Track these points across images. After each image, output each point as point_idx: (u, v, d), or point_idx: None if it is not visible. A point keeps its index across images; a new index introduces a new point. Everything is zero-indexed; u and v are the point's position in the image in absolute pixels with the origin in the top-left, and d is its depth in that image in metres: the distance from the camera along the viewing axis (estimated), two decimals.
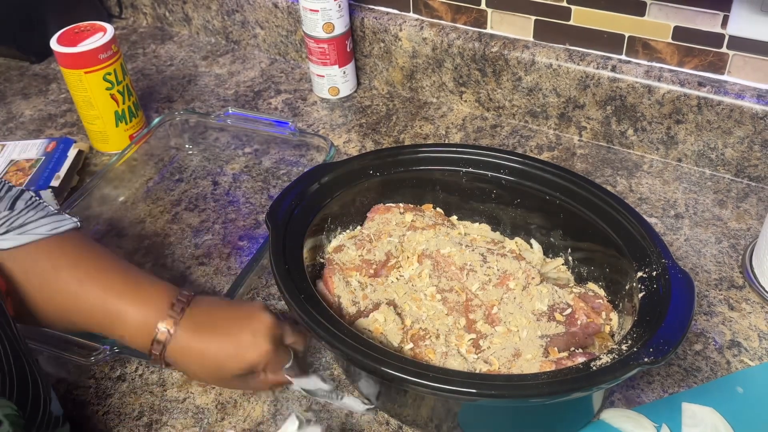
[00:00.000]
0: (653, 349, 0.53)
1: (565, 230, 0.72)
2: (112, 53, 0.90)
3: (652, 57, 0.88)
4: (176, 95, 1.09)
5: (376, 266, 0.70)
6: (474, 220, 0.77)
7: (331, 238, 0.74)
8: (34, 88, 1.13)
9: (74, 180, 0.92)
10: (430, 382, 0.52)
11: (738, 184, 0.87)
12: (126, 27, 1.28)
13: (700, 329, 0.70)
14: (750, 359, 0.67)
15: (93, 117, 0.94)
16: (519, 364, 0.59)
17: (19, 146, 0.95)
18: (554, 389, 0.51)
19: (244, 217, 0.86)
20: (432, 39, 0.98)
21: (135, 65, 1.17)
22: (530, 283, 0.65)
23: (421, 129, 0.99)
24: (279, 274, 0.61)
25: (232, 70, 1.14)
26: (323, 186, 0.72)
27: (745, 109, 0.82)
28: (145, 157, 0.93)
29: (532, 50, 0.93)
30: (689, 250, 0.79)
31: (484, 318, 0.65)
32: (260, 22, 1.14)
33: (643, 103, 0.88)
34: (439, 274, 0.68)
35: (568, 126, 0.96)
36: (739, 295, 0.74)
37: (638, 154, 0.92)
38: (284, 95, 1.08)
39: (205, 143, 0.97)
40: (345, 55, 1.02)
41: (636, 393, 0.65)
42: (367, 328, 0.63)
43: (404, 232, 0.72)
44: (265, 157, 0.95)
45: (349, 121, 1.02)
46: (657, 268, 0.60)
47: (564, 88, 0.92)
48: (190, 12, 1.21)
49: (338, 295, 0.66)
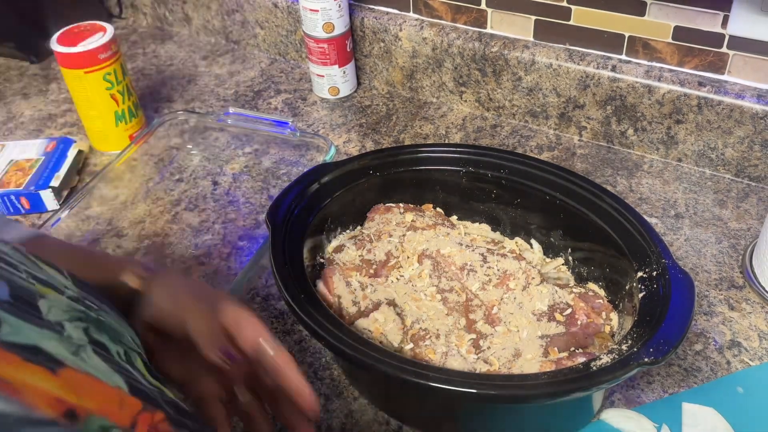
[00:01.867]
0: (653, 349, 0.53)
1: (565, 230, 0.72)
2: (112, 53, 0.90)
3: (652, 57, 0.88)
4: (176, 95, 1.09)
5: (376, 266, 0.70)
6: (474, 220, 0.77)
7: (331, 238, 0.74)
8: (34, 88, 1.13)
9: (74, 180, 0.92)
10: (430, 382, 0.52)
11: (738, 184, 0.87)
12: (126, 27, 1.28)
13: (700, 329, 0.70)
14: (750, 359, 0.67)
15: (93, 117, 0.94)
16: (519, 364, 0.59)
17: (19, 146, 0.95)
18: (554, 389, 0.51)
19: (244, 217, 0.86)
20: (432, 39, 0.98)
21: (135, 65, 1.17)
22: (530, 283, 0.65)
23: (421, 129, 0.99)
24: (279, 274, 0.61)
25: (232, 70, 1.14)
26: (323, 186, 0.72)
27: (745, 109, 0.82)
28: (145, 157, 0.93)
29: (532, 50, 0.93)
30: (689, 250, 0.79)
31: (484, 318, 0.65)
32: (260, 22, 1.14)
33: (643, 103, 0.88)
34: (439, 274, 0.68)
35: (568, 126, 0.96)
36: (739, 295, 0.74)
37: (638, 154, 0.92)
38: (284, 95, 1.08)
39: (205, 143, 0.97)
40: (345, 55, 1.02)
41: (636, 393, 0.65)
42: (367, 328, 0.63)
43: (404, 232, 0.72)
44: (265, 157, 0.95)
45: (349, 121, 1.02)
46: (657, 268, 0.60)
47: (564, 88, 0.92)
48: (190, 12, 1.21)
49: (338, 295, 0.66)
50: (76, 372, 0.34)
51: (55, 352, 0.34)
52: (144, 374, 0.42)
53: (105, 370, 0.36)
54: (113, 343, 0.41)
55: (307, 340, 0.71)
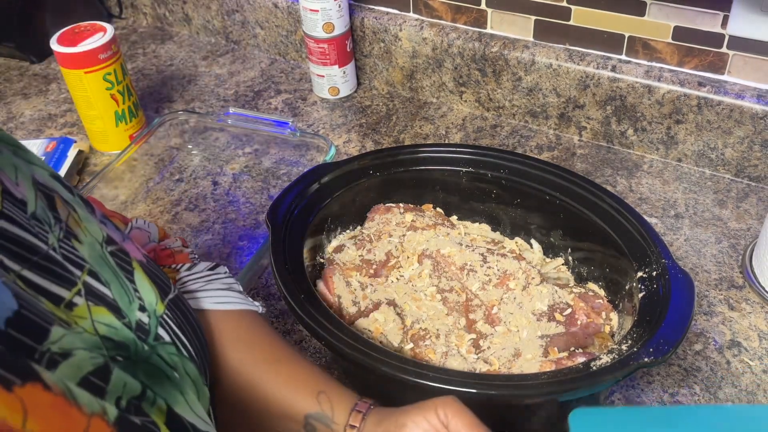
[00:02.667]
0: (653, 349, 0.53)
1: (565, 230, 0.72)
2: (112, 53, 0.90)
3: (652, 57, 0.88)
4: (176, 95, 1.09)
5: (376, 266, 0.70)
6: (474, 220, 0.77)
7: (331, 238, 0.74)
8: (34, 88, 1.13)
9: (74, 180, 0.92)
10: (430, 382, 0.52)
11: (738, 184, 0.87)
12: (126, 27, 1.28)
13: (700, 329, 0.70)
14: (750, 359, 0.67)
15: (93, 117, 0.94)
16: (519, 364, 0.59)
17: None
18: (554, 389, 0.51)
19: (244, 217, 0.86)
20: (432, 39, 0.98)
21: (135, 65, 1.17)
22: (530, 283, 0.65)
23: (421, 129, 0.99)
24: (279, 274, 0.61)
25: (232, 70, 1.14)
26: (323, 186, 0.72)
27: (745, 109, 0.82)
28: (145, 157, 0.93)
29: (532, 50, 0.93)
30: (689, 250, 0.79)
31: (484, 318, 0.65)
32: (260, 22, 1.14)
33: (643, 103, 0.88)
34: (439, 274, 0.68)
35: (568, 126, 0.96)
36: (739, 295, 0.74)
37: (638, 154, 0.92)
38: (284, 95, 1.08)
39: (205, 143, 0.97)
40: (345, 55, 1.02)
41: (636, 393, 0.65)
42: (367, 328, 0.63)
43: (404, 232, 0.72)
44: (265, 157, 0.95)
45: (349, 121, 1.02)
46: (657, 268, 0.60)
47: (564, 88, 0.92)
48: (190, 12, 1.21)
49: (338, 295, 0.66)
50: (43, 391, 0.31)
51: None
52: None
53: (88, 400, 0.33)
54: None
55: (307, 340, 0.71)
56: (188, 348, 0.44)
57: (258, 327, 0.55)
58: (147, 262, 0.46)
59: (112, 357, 0.37)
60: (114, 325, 0.39)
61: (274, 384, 0.51)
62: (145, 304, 0.42)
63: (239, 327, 0.54)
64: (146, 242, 0.58)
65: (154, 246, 0.57)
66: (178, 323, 0.45)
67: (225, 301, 0.54)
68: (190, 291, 0.54)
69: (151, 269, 0.46)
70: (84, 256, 0.40)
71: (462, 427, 0.45)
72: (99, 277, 0.40)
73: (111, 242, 0.43)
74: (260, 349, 0.53)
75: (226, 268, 0.59)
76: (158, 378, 0.40)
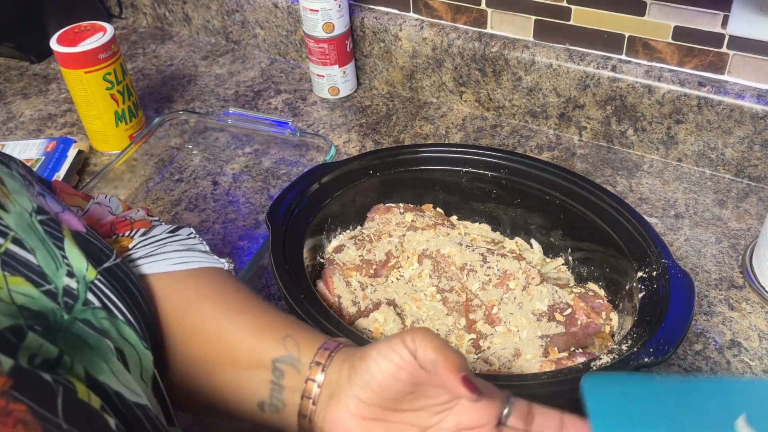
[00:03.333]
0: (653, 349, 0.53)
1: (565, 230, 0.72)
2: (112, 53, 0.90)
3: (652, 57, 0.88)
4: (176, 95, 1.09)
5: (376, 266, 0.70)
6: (474, 220, 0.77)
7: (331, 238, 0.74)
8: (34, 88, 1.13)
9: (74, 180, 0.92)
10: None
11: (738, 184, 0.87)
12: (126, 27, 1.28)
13: (700, 329, 0.70)
14: (750, 359, 0.67)
15: (93, 117, 0.94)
16: (519, 364, 0.59)
17: (19, 146, 0.95)
18: (554, 389, 0.51)
19: (244, 217, 0.86)
20: (432, 39, 0.98)
21: (135, 65, 1.17)
22: (530, 283, 0.65)
23: (421, 129, 0.99)
24: (279, 274, 0.61)
25: (232, 70, 1.14)
26: (323, 186, 0.72)
27: (745, 109, 0.82)
28: (145, 157, 0.93)
29: (532, 50, 0.93)
30: (689, 250, 0.79)
31: (484, 318, 0.65)
32: (260, 22, 1.14)
33: (643, 103, 0.88)
34: (439, 274, 0.68)
35: (568, 126, 0.96)
36: (739, 295, 0.74)
37: (638, 154, 0.92)
38: (284, 95, 1.08)
39: (205, 143, 0.97)
40: (345, 55, 1.02)
41: None
42: (367, 328, 0.63)
43: (404, 232, 0.72)
44: (265, 157, 0.95)
45: (349, 121, 1.02)
46: (657, 268, 0.60)
47: (564, 88, 0.92)
48: (190, 12, 1.21)
49: (338, 295, 0.66)
50: None
51: None
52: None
53: None
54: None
55: None
56: (124, 312, 0.45)
57: (222, 283, 0.54)
58: (87, 232, 0.47)
59: (30, 326, 0.38)
60: (31, 294, 0.40)
61: (238, 333, 0.50)
62: (74, 270, 0.43)
63: (200, 285, 0.53)
64: (105, 216, 0.57)
65: (112, 219, 0.57)
66: (114, 289, 0.45)
67: (183, 261, 0.54)
68: (142, 256, 0.53)
69: (90, 239, 0.47)
70: (9, 224, 0.41)
71: (431, 352, 0.43)
72: (24, 244, 0.41)
73: (42, 212, 0.44)
74: (224, 302, 0.52)
75: (191, 229, 0.58)
76: (78, 346, 0.41)
